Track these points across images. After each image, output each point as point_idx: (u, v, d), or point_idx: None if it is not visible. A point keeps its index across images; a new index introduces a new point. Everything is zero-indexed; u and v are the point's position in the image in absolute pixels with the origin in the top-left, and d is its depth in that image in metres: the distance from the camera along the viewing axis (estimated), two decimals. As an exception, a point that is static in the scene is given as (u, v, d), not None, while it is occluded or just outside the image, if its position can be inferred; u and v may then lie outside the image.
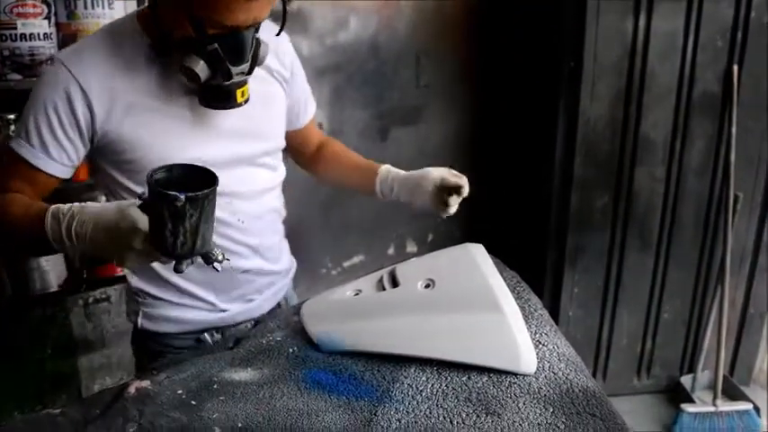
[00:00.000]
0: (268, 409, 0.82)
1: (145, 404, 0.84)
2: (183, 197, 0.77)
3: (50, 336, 1.88)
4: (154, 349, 1.22)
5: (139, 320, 1.22)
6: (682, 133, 2.33)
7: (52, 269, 1.66)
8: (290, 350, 0.97)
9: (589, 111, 2.31)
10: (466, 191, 1.22)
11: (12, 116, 1.56)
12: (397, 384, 0.87)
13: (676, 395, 2.58)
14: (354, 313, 0.98)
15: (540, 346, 0.95)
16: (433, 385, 0.86)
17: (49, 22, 1.53)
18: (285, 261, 1.34)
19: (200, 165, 0.85)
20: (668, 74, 2.26)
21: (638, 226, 2.45)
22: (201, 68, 0.99)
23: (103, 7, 1.57)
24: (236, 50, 1.00)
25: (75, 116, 1.02)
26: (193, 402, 0.84)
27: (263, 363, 0.94)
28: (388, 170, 1.29)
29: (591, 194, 2.43)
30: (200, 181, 0.80)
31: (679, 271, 2.51)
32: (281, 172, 1.29)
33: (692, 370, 2.63)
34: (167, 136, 1.07)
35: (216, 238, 1.01)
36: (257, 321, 1.23)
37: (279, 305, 1.34)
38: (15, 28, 1.47)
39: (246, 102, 1.07)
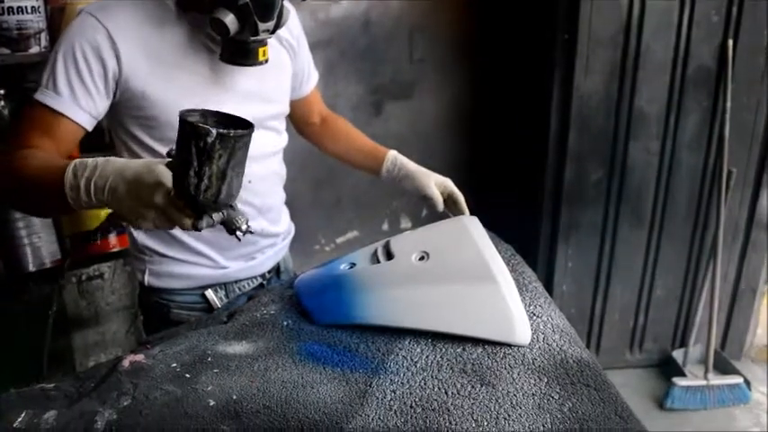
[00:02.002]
0: (262, 382, 0.82)
1: (139, 377, 0.84)
2: (214, 132, 0.72)
3: (44, 313, 1.87)
4: (158, 307, 1.29)
5: (145, 277, 1.27)
6: (676, 108, 2.33)
7: (45, 246, 1.65)
8: (285, 323, 0.97)
9: (583, 85, 2.30)
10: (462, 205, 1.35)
11: (1, 91, 1.53)
12: (392, 356, 0.87)
13: (668, 369, 2.61)
14: (348, 286, 0.98)
15: (535, 317, 0.95)
16: (427, 357, 0.86)
17: (37, -5, 1.50)
18: (285, 224, 1.41)
19: (236, 115, 0.80)
20: (663, 48, 2.25)
21: (632, 201, 2.46)
22: (231, 21, 1.02)
23: (92, -21, 1.53)
24: (266, 6, 1.04)
25: (103, 65, 1.05)
26: (187, 375, 0.84)
27: (258, 336, 0.94)
28: (396, 157, 1.39)
29: (585, 169, 2.42)
30: (234, 127, 0.75)
31: (672, 246, 2.52)
32: (284, 137, 1.36)
33: (684, 344, 2.66)
34: (186, 93, 1.11)
35: None
36: (261, 284, 1.34)
37: (278, 265, 1.42)
38: (2, 1, 1.43)
39: (266, 62, 1.12)
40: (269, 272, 1.38)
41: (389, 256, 1.01)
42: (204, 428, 0.74)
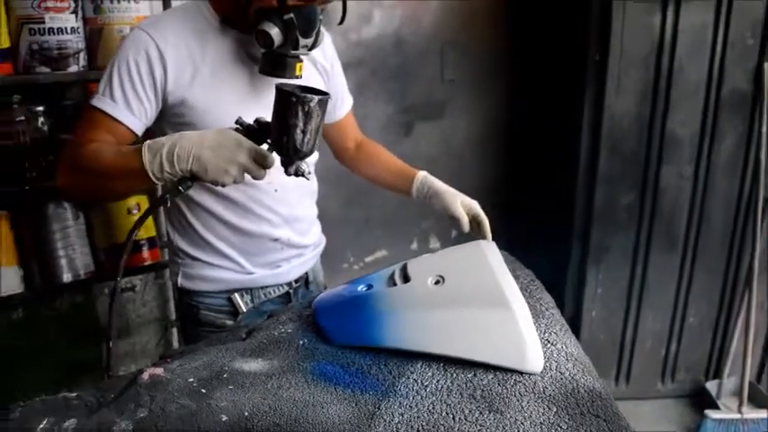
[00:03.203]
0: (274, 399, 0.84)
1: (157, 390, 0.86)
2: (315, 98, 0.96)
3: (77, 323, 1.94)
4: (190, 308, 1.38)
5: (179, 279, 1.37)
6: (710, 131, 2.29)
7: (79, 258, 1.71)
8: (300, 342, 0.98)
9: (614, 105, 2.29)
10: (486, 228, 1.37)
11: (40, 108, 1.61)
12: (403, 379, 0.87)
13: (701, 401, 2.54)
14: (364, 308, 0.99)
15: (549, 345, 0.95)
16: (438, 381, 0.87)
17: (77, 17, 1.57)
18: (314, 236, 1.47)
19: (311, 86, 1.03)
20: (696, 70, 2.22)
21: (665, 225, 2.42)
22: (276, 34, 1.12)
23: (129, 1, 1.61)
24: (308, 23, 1.14)
25: (153, 76, 1.16)
26: (203, 390, 0.86)
27: (274, 354, 0.96)
28: (425, 176, 1.43)
29: (616, 191, 2.40)
30: (308, 93, 0.98)
31: (706, 273, 2.46)
32: (315, 153, 1.39)
33: (718, 375, 2.58)
34: (225, 103, 1.21)
35: (251, 204, 1.29)
36: (287, 292, 1.42)
37: (306, 276, 1.48)
38: (44, 22, 1.51)
39: (300, 77, 1.20)
40: (296, 281, 1.44)
41: (406, 278, 1.02)
42: (214, 443, 0.76)
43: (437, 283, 0.98)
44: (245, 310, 1.36)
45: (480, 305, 0.93)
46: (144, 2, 1.66)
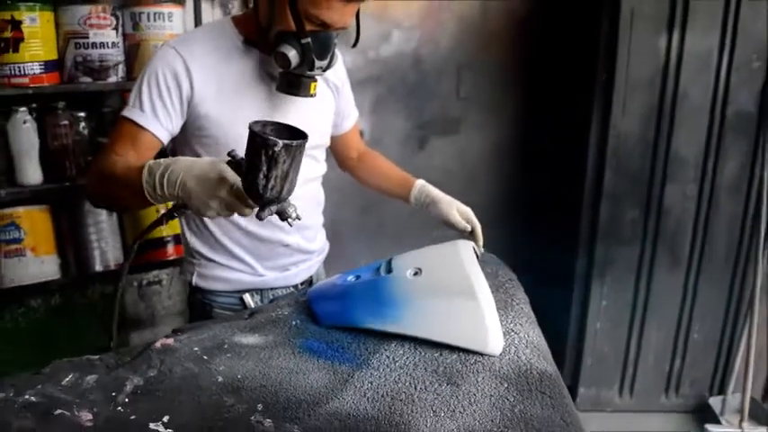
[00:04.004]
0: (264, 367, 0.97)
1: (166, 356, 1.00)
2: (280, 143, 0.88)
3: (107, 311, 2.10)
4: (202, 305, 1.47)
5: (193, 278, 1.45)
6: (714, 152, 2.36)
7: (110, 250, 1.88)
8: (294, 323, 1.12)
9: (620, 125, 2.37)
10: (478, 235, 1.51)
11: (82, 114, 1.79)
12: (377, 355, 1.00)
13: (705, 416, 2.58)
14: (350, 294, 1.12)
15: (513, 333, 1.06)
16: (407, 358, 0.99)
17: (117, 33, 1.75)
18: (320, 243, 1.58)
19: (291, 125, 0.97)
20: (701, 92, 2.30)
21: (669, 243, 2.48)
22: (294, 56, 1.22)
23: (164, 20, 1.78)
24: (324, 46, 1.23)
25: (179, 88, 1.26)
26: (205, 357, 1.00)
27: (269, 331, 1.09)
28: (423, 185, 1.53)
29: (621, 208, 2.47)
30: (290, 137, 0.92)
31: (710, 290, 2.51)
32: (323, 166, 1.53)
33: (722, 391, 2.61)
34: (244, 118, 1.24)
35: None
36: (295, 287, 1.50)
37: (311, 279, 1.56)
38: (87, 37, 1.69)
39: (314, 96, 1.30)
40: (302, 283, 1.53)
41: (389, 270, 1.15)
42: (210, 397, 0.89)
43: (415, 274, 1.10)
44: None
45: (450, 294, 1.05)
46: (178, 20, 1.83)
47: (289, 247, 1.46)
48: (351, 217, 2.72)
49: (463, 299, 1.04)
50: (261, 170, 0.90)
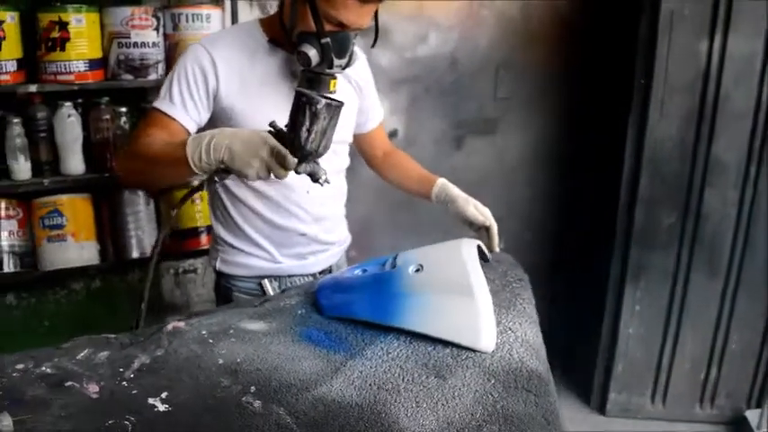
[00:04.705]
0: (263, 351, 1.02)
1: (175, 337, 1.07)
2: (323, 100, 1.04)
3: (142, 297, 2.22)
4: (225, 289, 1.56)
5: (217, 264, 1.55)
6: (757, 157, 2.29)
7: (147, 238, 1.98)
8: (299, 312, 1.17)
9: (657, 129, 2.33)
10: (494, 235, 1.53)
11: (124, 109, 1.90)
12: (372, 346, 1.03)
13: (741, 429, 2.50)
14: (354, 287, 1.16)
15: (509, 332, 1.08)
16: (401, 350, 1.02)
17: (158, 33, 1.85)
18: (339, 234, 1.62)
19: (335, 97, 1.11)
20: (744, 97, 2.23)
21: (707, 249, 2.42)
22: (314, 55, 1.29)
23: (202, 21, 1.87)
24: (342, 46, 1.30)
25: (206, 83, 1.34)
26: (210, 341, 1.06)
27: (274, 318, 1.14)
28: (444, 184, 1.57)
29: (657, 213, 2.43)
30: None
31: (749, 299, 2.44)
32: (344, 160, 1.59)
33: (760, 404, 2.53)
34: (267, 112, 1.31)
35: (284, 201, 1.45)
36: (314, 275, 1.55)
37: (330, 268, 1.61)
38: (129, 37, 1.80)
39: (335, 93, 1.35)
40: (321, 272, 1.59)
41: (394, 265, 1.18)
42: (209, 377, 0.95)
43: (417, 270, 1.13)
44: (272, 294, 1.53)
45: (448, 291, 1.08)
46: (215, 21, 1.91)
47: (306, 237, 1.52)
48: (385, 214, 2.76)
49: (460, 296, 1.06)
50: (304, 124, 1.05)
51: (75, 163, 1.86)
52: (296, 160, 1.10)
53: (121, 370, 0.97)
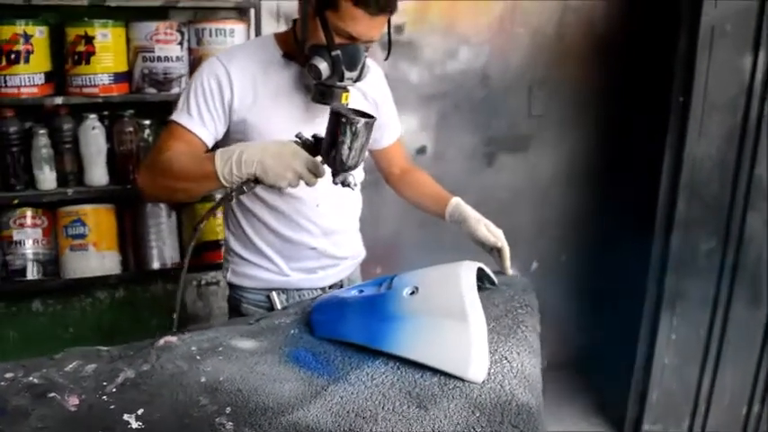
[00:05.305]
0: (247, 371, 1.00)
1: (164, 352, 1.06)
2: (362, 120, 1.10)
3: (169, 307, 2.24)
4: (235, 300, 1.58)
5: (228, 275, 1.57)
6: (805, 179, 2.14)
7: (168, 250, 2.01)
8: (291, 331, 1.15)
9: (696, 149, 2.21)
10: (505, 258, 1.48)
11: (147, 121, 1.94)
12: (357, 371, 1.00)
13: (785, 470, 2.34)
14: (347, 308, 1.13)
15: (504, 361, 1.03)
16: (386, 377, 0.98)
17: (182, 47, 1.89)
18: (351, 249, 1.61)
19: (360, 109, 1.17)
20: (790, 116, 2.10)
21: (749, 276, 2.28)
22: (324, 68, 1.30)
23: (225, 36, 1.90)
24: (353, 58, 1.31)
25: (222, 96, 1.37)
26: (198, 357, 1.05)
27: (266, 337, 1.13)
28: (458, 203, 1.54)
29: (696, 237, 2.30)
30: (359, 116, 1.11)
31: (797, 332, 2.28)
32: (358, 174, 1.54)
33: (808, 445, 2.36)
34: (280, 125, 1.38)
35: (295, 215, 1.46)
36: (323, 289, 1.55)
37: (341, 283, 1.60)
38: (153, 51, 1.85)
39: (347, 105, 1.35)
40: (330, 287, 1.57)
41: (390, 286, 1.14)
42: (188, 395, 0.94)
43: (412, 293, 1.10)
44: (279, 307, 1.50)
45: (441, 315, 1.04)
46: (239, 35, 1.94)
47: (316, 251, 1.51)
48: (411, 231, 2.72)
49: (453, 321, 1.02)
50: (345, 143, 1.11)
51: (98, 174, 1.90)
52: (327, 169, 1.17)
53: (105, 384, 0.97)
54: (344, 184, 1.19)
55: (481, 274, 1.32)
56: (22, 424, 0.88)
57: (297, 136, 1.17)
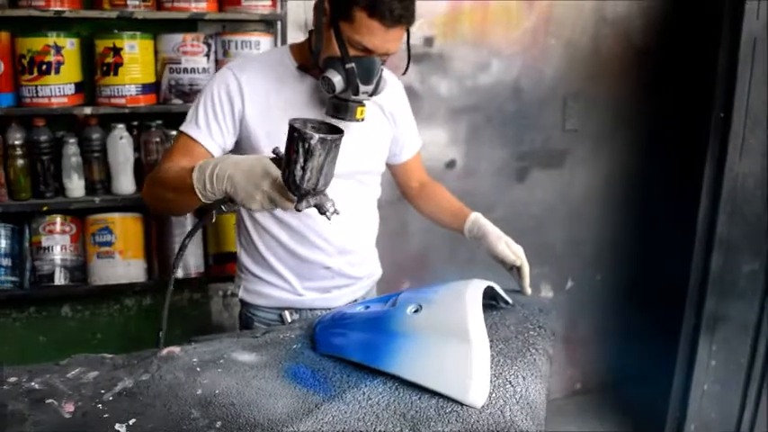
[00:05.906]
0: (243, 385, 0.99)
1: (166, 363, 1.06)
2: (316, 136, 0.93)
3: (193, 315, 2.27)
4: (246, 318, 1.54)
5: (240, 292, 1.54)
6: None
7: (192, 259, 2.03)
8: (294, 346, 1.13)
9: (737, 166, 2.12)
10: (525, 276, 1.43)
11: (174, 132, 1.96)
12: (354, 390, 0.97)
13: None
14: (350, 325, 1.11)
15: (508, 386, 0.98)
16: (383, 397, 0.95)
17: (208, 59, 1.92)
18: (367, 268, 1.56)
19: (331, 122, 1.03)
20: (839, 132, 1.99)
21: (795, 301, 2.16)
22: (338, 81, 1.27)
23: (251, 47, 1.92)
24: (368, 71, 1.28)
25: (232, 107, 1.35)
26: (198, 369, 1.04)
27: (267, 351, 1.11)
28: (477, 218, 1.50)
29: (736, 258, 2.20)
30: (328, 133, 0.97)
31: None
32: (374, 191, 1.55)
33: None
34: None
35: (308, 232, 1.40)
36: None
37: (355, 301, 1.53)
38: (180, 63, 1.88)
39: (362, 120, 1.33)
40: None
41: (395, 304, 1.12)
42: (181, 407, 0.93)
43: (416, 311, 1.06)
44: None
45: (443, 335, 1.00)
46: (265, 47, 1.95)
47: (330, 270, 1.47)
48: (441, 246, 2.67)
49: (454, 342, 0.99)
50: (298, 162, 0.95)
51: (125, 183, 1.94)
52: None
53: (102, 392, 0.97)
54: (320, 210, 1.03)
55: (495, 294, 1.29)
56: (17, 428, 0.89)
57: (274, 151, 1.03)
